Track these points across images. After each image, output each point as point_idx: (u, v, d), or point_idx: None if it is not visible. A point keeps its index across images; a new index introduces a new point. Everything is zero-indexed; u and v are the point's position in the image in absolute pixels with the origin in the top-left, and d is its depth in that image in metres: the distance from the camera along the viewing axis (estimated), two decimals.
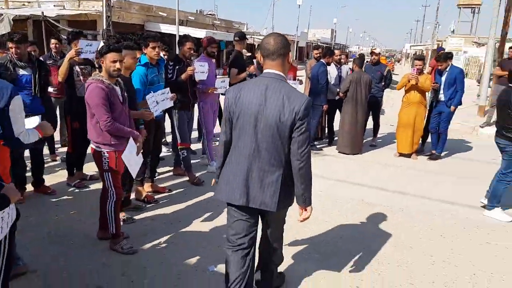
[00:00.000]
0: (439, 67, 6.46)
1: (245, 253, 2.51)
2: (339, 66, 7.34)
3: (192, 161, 6.11)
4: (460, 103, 6.47)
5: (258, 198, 2.36)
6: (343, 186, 5.31)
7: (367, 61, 7.85)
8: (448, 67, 6.39)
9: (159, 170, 5.58)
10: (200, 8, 33.01)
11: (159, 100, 4.27)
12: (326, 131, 7.63)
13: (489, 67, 10.70)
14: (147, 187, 4.73)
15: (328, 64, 6.89)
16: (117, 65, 3.19)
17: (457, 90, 6.31)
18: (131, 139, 3.27)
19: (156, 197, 4.62)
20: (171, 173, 5.51)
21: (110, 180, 3.30)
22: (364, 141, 7.62)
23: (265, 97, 2.29)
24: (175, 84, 4.82)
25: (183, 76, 4.84)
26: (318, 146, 7.14)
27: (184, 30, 19.49)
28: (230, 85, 5.60)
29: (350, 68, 7.45)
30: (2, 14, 16.47)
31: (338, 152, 6.94)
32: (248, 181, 2.37)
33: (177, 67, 4.90)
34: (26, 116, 2.38)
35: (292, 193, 2.45)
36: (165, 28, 19.69)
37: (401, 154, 6.77)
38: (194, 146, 6.63)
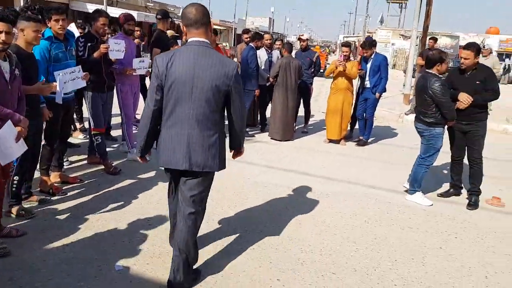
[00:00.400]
0: (364, 54, 6.56)
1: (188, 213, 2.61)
2: (269, 51, 7.18)
3: (111, 149, 5.68)
4: (385, 90, 6.62)
5: (200, 161, 2.47)
6: (272, 172, 5.18)
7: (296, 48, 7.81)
8: (373, 55, 6.49)
9: (73, 158, 5.12)
10: None
11: (69, 79, 3.80)
12: (259, 117, 7.47)
13: (412, 58, 11.23)
14: (54, 177, 4.25)
15: (258, 48, 6.71)
16: (2, 36, 2.73)
17: (381, 77, 6.44)
18: (9, 122, 2.78)
19: (65, 188, 4.16)
20: (85, 162, 5.01)
21: None
22: (297, 127, 7.61)
23: (197, 63, 2.36)
24: (87, 62, 4.34)
25: (95, 54, 4.37)
26: (250, 133, 6.96)
27: (113, 11, 18.25)
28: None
29: (280, 53, 7.32)
30: None
31: (270, 138, 6.83)
32: (189, 146, 2.45)
33: (89, 44, 4.40)
34: None
35: (224, 153, 2.61)
36: (92, 8, 18.17)
37: (330, 140, 6.82)
38: (116, 133, 6.13)
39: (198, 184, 2.58)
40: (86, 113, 5.16)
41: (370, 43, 6.53)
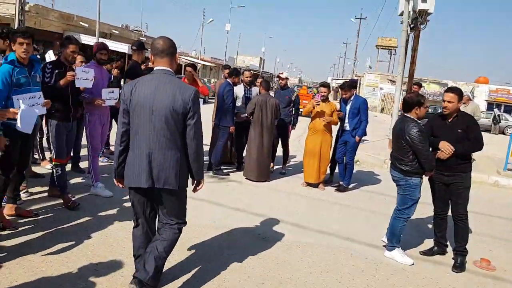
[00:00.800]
0: (343, 96, 6.47)
1: (147, 229, 2.92)
2: (248, 87, 7.11)
3: (78, 181, 5.41)
4: (365, 134, 6.49)
5: (162, 178, 2.65)
6: (240, 217, 4.86)
7: (277, 87, 7.77)
8: (352, 97, 6.43)
9: (34, 189, 4.84)
10: (127, 23, 31.99)
11: (27, 105, 3.59)
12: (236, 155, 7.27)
13: (397, 102, 11.27)
14: (8, 210, 3.98)
15: (235, 84, 6.64)
16: None
17: (361, 120, 6.34)
18: None
19: (18, 221, 3.89)
20: (46, 194, 4.73)
21: None
22: (275, 168, 7.41)
23: (158, 88, 2.60)
24: (52, 89, 4.16)
25: (61, 81, 4.21)
26: (225, 171, 6.73)
27: (108, 43, 18.43)
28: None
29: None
30: None
31: (245, 178, 6.58)
32: (151, 164, 2.64)
33: (56, 70, 4.24)
34: None
35: (187, 172, 2.78)
36: (86, 39, 18.46)
37: (308, 184, 6.55)
38: (84, 164, 5.86)
39: (171, 200, 2.80)
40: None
41: (349, 85, 6.46)
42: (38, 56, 5.06)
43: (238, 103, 6.89)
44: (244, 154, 7.07)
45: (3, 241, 3.50)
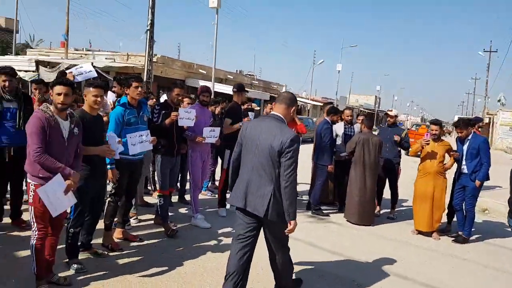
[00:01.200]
0: (459, 135, 5.75)
1: (242, 246, 3.07)
2: (349, 125, 6.84)
3: (181, 211, 5.77)
4: (487, 178, 5.61)
5: (252, 204, 3.01)
6: (336, 260, 4.54)
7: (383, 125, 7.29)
8: (470, 136, 5.67)
9: (144, 217, 5.29)
10: (241, 69, 34.53)
11: (137, 142, 4.05)
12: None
13: None
14: (117, 233, 4.40)
15: (334, 122, 6.45)
16: (62, 98, 3.07)
17: (482, 163, 5.52)
18: (58, 175, 2.96)
19: (126, 245, 4.28)
20: (152, 222, 5.14)
21: (33, 215, 3.06)
22: (382, 211, 6.86)
23: (265, 128, 3.06)
24: (159, 128, 4.61)
25: (166, 121, 4.63)
26: (325, 212, 6.46)
27: (220, 87, 20.08)
28: (223, 135, 5.33)
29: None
30: (60, 63, 17.97)
31: (346, 220, 6.20)
32: (247, 190, 3.05)
33: (163, 111, 4.71)
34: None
35: (279, 205, 2.97)
36: (204, 84, 20.39)
37: (419, 232, 5.84)
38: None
39: (269, 230, 3.15)
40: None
41: (465, 122, 5.71)
42: (154, 100, 5.75)
43: (338, 141, 6.69)
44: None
45: (110, 260, 3.89)
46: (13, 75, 4.37)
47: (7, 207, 4.58)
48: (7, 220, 4.51)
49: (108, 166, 3.89)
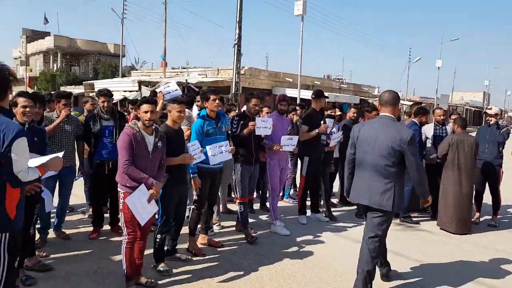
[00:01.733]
0: None
1: (373, 242, 3.44)
2: (440, 126, 6.32)
3: (262, 218, 5.91)
4: None
5: (376, 201, 3.32)
6: (422, 270, 4.23)
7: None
8: None
9: (226, 223, 5.53)
10: (328, 73, 33.96)
11: (217, 152, 4.32)
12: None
13: None
14: (200, 239, 4.68)
15: (422, 124, 6.03)
16: (148, 115, 3.39)
17: None
18: (142, 185, 3.29)
19: (208, 250, 4.53)
20: (234, 228, 5.35)
21: (123, 221, 3.41)
22: (483, 218, 6.20)
23: (381, 130, 3.33)
24: (237, 138, 4.83)
25: (245, 130, 4.81)
26: (414, 219, 6.06)
27: (307, 94, 20.02)
28: (299, 142, 5.34)
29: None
30: (158, 82, 19.86)
31: (440, 229, 5.74)
32: (369, 187, 3.37)
33: (241, 122, 4.91)
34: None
35: (401, 198, 3.41)
36: (290, 92, 20.55)
37: None
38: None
39: (378, 219, 3.41)
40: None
41: None
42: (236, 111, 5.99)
43: (428, 143, 6.24)
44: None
45: (193, 264, 4.15)
46: (110, 96, 4.98)
47: (106, 215, 5.13)
48: (107, 227, 5.05)
49: (191, 175, 4.20)
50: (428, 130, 6.29)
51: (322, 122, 5.52)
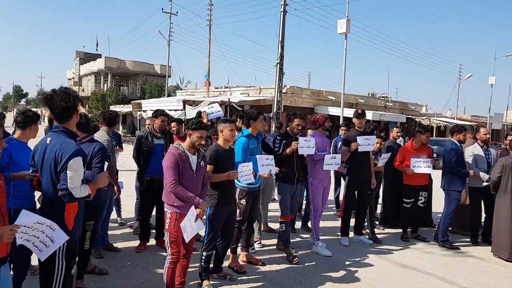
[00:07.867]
0: None
1: None
2: (486, 147, 5.96)
3: (304, 236, 5.87)
4: None
5: None
6: None
7: None
8: None
9: (267, 242, 5.54)
10: (373, 91, 33.35)
11: (265, 164, 4.46)
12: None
13: None
14: (242, 256, 4.73)
15: (461, 142, 5.81)
16: (202, 141, 3.52)
17: None
18: (192, 207, 3.37)
19: (248, 267, 4.56)
20: (274, 247, 5.35)
21: (167, 240, 3.47)
22: None
23: None
24: (280, 157, 4.87)
25: (287, 150, 4.85)
26: (455, 244, 5.76)
27: (350, 112, 19.80)
28: (342, 162, 5.30)
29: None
30: (201, 101, 20.47)
31: (493, 255, 5.43)
32: None
33: (284, 141, 4.97)
34: None
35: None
36: (333, 111, 20.45)
37: None
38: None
39: None
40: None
41: None
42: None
43: (473, 164, 5.94)
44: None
45: (236, 283, 4.18)
46: (167, 116, 5.28)
47: (153, 230, 5.33)
48: (152, 241, 5.22)
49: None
50: (471, 150, 5.97)
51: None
